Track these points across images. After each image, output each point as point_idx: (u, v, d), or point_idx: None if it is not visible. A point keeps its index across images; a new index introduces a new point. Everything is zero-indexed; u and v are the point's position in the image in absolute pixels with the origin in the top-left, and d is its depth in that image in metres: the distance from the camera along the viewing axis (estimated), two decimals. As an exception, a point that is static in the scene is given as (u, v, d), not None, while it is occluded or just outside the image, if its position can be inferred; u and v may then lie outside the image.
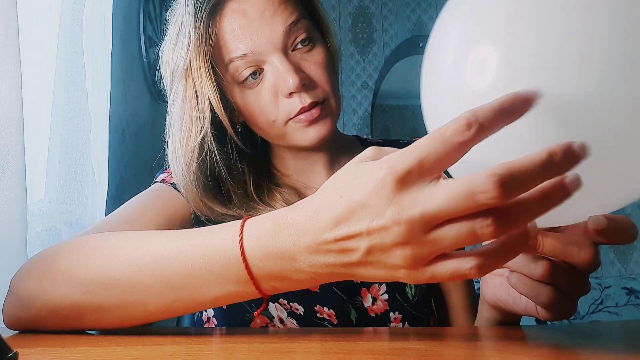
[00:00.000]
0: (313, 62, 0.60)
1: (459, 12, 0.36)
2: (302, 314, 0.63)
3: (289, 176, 0.70)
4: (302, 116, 0.59)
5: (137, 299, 0.41)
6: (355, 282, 0.66)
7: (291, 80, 0.57)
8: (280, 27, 0.59)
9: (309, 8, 0.65)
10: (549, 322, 0.55)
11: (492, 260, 0.30)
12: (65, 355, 0.36)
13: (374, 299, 0.65)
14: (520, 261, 0.41)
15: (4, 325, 0.47)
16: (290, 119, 0.59)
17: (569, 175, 0.28)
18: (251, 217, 0.40)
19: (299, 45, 0.60)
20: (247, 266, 0.37)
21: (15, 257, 0.61)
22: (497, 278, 0.48)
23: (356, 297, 0.65)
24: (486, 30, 0.33)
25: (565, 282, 0.40)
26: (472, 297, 0.74)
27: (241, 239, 0.38)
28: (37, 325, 0.45)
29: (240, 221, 0.39)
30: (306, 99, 0.58)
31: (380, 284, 0.66)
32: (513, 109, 0.28)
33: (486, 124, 0.28)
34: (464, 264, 0.30)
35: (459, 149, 0.29)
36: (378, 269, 0.33)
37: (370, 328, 0.62)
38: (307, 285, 0.39)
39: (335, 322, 0.63)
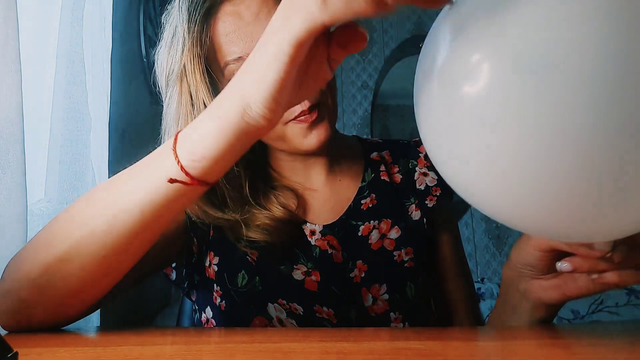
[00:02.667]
0: None
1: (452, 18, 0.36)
2: (302, 314, 0.63)
3: (286, 177, 0.70)
4: (301, 117, 0.59)
5: (85, 231, 0.44)
6: (355, 281, 0.66)
7: None
8: None
9: None
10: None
11: None
12: (65, 355, 0.36)
13: (375, 299, 0.65)
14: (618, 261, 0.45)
15: (4, 325, 0.47)
16: (290, 120, 0.59)
17: None
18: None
19: None
20: (176, 135, 0.42)
21: (15, 257, 0.61)
22: (555, 280, 0.52)
23: (356, 296, 0.65)
24: (476, 36, 0.33)
25: None
26: (473, 297, 0.74)
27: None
28: (26, 313, 0.46)
29: None
30: (305, 102, 0.58)
31: (380, 284, 0.66)
32: None
33: None
34: None
35: None
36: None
37: (370, 328, 0.62)
38: (215, 141, 0.40)
39: (335, 321, 0.63)
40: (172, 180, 0.42)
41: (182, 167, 0.41)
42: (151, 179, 0.43)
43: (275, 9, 0.60)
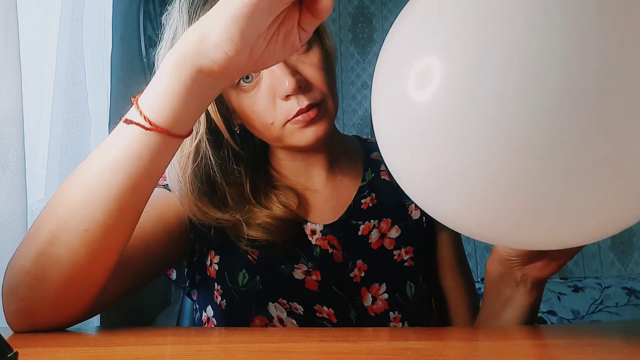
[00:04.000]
0: (309, 63, 0.60)
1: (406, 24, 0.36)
2: (302, 313, 0.63)
3: (287, 177, 0.70)
4: (299, 117, 0.59)
5: (66, 206, 0.44)
6: (355, 281, 0.66)
7: (287, 83, 0.56)
8: None
9: None
10: (549, 322, 0.56)
11: None
12: (65, 355, 0.36)
13: (374, 299, 0.66)
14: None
15: (4, 326, 0.47)
16: (288, 121, 0.59)
17: None
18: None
19: None
20: (136, 99, 0.43)
21: (15, 257, 0.61)
22: (546, 256, 0.53)
23: (356, 296, 0.65)
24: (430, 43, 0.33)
25: None
26: (474, 296, 0.74)
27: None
28: (29, 312, 0.46)
29: None
30: (303, 101, 0.58)
31: (380, 283, 0.66)
32: None
33: None
34: None
35: None
36: None
37: (370, 328, 0.62)
38: (169, 77, 0.42)
39: (335, 321, 0.63)
40: (127, 121, 0.43)
41: (140, 112, 0.42)
42: (117, 135, 0.44)
43: None
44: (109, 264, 0.48)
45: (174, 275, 0.69)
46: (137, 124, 0.42)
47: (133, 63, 1.45)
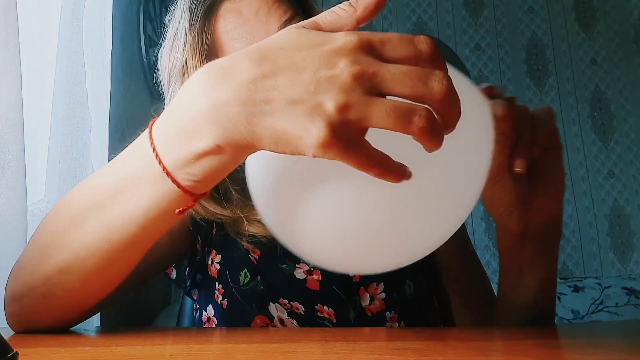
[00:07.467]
0: None
1: None
2: (303, 313, 0.63)
3: None
4: None
5: (82, 244, 0.40)
6: (354, 280, 0.66)
7: None
8: (274, 25, 0.59)
9: (303, 6, 0.65)
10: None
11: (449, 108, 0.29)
12: (65, 355, 0.36)
13: (372, 298, 0.66)
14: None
15: (4, 325, 0.47)
16: None
17: None
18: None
19: None
20: (157, 156, 0.34)
21: (15, 257, 0.61)
22: (528, 190, 0.49)
23: (354, 296, 0.65)
24: None
25: None
26: (490, 286, 0.72)
27: (150, 130, 0.36)
28: (32, 318, 0.45)
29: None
30: None
31: (378, 282, 0.66)
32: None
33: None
34: (415, 107, 0.28)
35: None
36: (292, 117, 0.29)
37: (370, 328, 0.62)
38: (217, 167, 0.34)
39: (335, 321, 0.63)
40: (179, 212, 0.37)
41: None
42: (124, 159, 0.39)
43: (274, 8, 0.60)
44: (122, 280, 0.45)
45: (173, 275, 0.69)
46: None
47: (133, 63, 1.45)
